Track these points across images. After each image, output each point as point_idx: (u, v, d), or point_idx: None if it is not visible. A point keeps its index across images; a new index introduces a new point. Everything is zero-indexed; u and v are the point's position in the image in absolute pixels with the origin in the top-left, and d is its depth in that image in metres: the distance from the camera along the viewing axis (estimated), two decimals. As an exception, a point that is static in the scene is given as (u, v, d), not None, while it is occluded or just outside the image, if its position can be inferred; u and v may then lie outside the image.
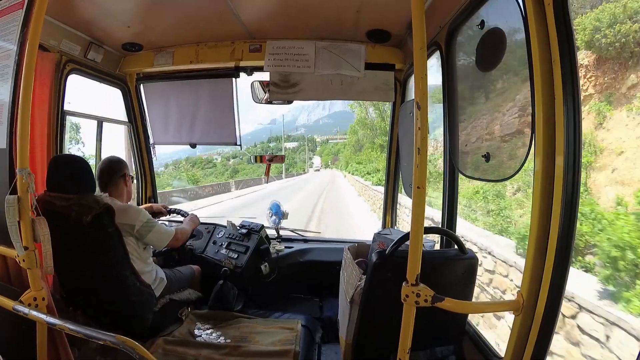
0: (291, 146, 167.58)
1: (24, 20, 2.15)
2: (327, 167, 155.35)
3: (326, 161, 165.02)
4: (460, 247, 2.35)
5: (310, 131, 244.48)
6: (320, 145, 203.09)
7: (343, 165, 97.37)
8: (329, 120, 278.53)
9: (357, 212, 24.61)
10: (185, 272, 3.48)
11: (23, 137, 1.91)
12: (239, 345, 2.91)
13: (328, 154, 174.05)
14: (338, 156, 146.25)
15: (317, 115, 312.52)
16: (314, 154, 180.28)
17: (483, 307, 3.68)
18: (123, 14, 3.25)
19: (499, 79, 2.23)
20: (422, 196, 1.59)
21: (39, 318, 1.87)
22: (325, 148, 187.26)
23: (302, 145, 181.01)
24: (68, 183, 2.54)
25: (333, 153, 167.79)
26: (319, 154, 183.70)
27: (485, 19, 2.25)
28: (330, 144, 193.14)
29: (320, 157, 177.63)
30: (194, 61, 3.97)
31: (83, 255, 2.63)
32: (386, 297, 1.85)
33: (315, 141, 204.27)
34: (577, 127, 1.63)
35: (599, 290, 6.31)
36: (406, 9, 1.56)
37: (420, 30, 1.58)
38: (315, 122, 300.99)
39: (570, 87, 1.62)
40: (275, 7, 3.20)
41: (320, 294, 4.10)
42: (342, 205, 28.62)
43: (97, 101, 7.16)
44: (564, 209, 1.66)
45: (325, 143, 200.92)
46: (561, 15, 1.63)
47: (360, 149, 73.37)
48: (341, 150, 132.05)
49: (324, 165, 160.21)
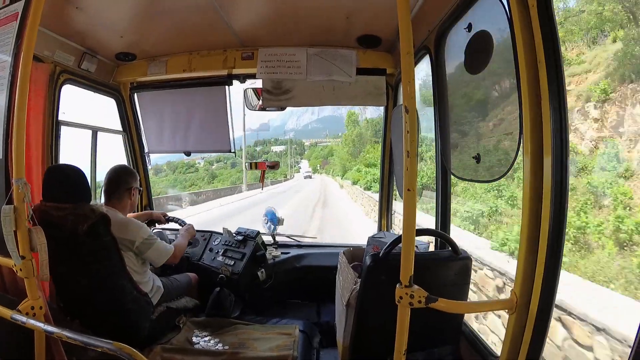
0: (278, 150, 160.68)
1: (18, 31, 2.17)
2: (316, 171, 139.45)
3: (315, 165, 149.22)
4: (453, 248, 2.37)
5: (299, 136, 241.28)
6: (308, 149, 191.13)
7: (337, 170, 78.65)
8: (317, 124, 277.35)
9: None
10: (182, 280, 3.48)
11: (19, 147, 1.93)
12: (237, 352, 2.91)
13: (317, 158, 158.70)
14: (328, 159, 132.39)
15: (306, 120, 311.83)
16: (302, 157, 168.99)
17: (477, 306, 3.70)
18: (116, 24, 3.28)
19: (487, 81, 2.26)
20: (412, 198, 1.61)
21: (37, 327, 1.88)
22: (314, 151, 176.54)
23: (289, 149, 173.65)
24: (64, 193, 2.54)
25: (322, 156, 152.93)
26: (307, 157, 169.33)
27: (472, 22, 2.28)
28: (319, 147, 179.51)
29: (309, 160, 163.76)
30: (187, 70, 4.00)
31: (79, 265, 2.62)
32: (381, 299, 1.86)
33: (304, 145, 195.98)
34: (563, 127, 1.66)
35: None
36: (396, 15, 1.58)
37: (407, 36, 1.61)
38: (305, 126, 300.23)
39: (556, 87, 1.66)
40: (267, 15, 3.23)
41: (317, 298, 4.10)
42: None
43: (91, 111, 7.07)
44: (554, 208, 1.69)
45: (314, 146, 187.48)
46: (545, 17, 1.66)
47: (364, 145, 56.63)
48: (333, 152, 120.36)
49: (313, 170, 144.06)
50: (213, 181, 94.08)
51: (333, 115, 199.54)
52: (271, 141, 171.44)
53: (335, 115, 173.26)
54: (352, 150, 64.29)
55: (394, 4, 1.58)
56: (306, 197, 45.05)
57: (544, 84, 1.68)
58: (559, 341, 5.64)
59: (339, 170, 73.73)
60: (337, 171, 79.87)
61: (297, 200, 40.37)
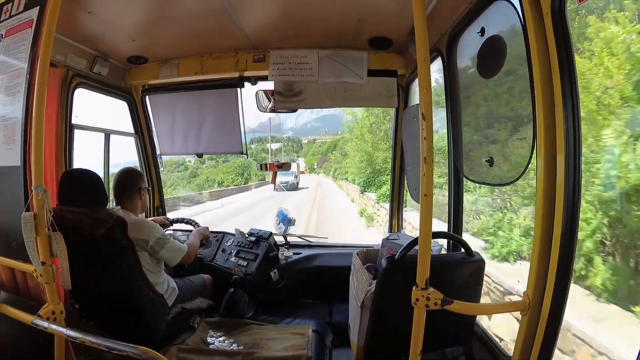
0: (274, 147, 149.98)
1: (34, 38, 2.20)
2: (313, 171, 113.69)
3: (311, 163, 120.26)
4: (467, 250, 2.39)
5: (297, 134, 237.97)
6: (305, 146, 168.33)
7: (342, 171, 54.69)
8: (317, 123, 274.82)
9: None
10: (196, 281, 3.51)
11: (37, 154, 1.95)
12: (252, 352, 2.94)
13: (314, 154, 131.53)
14: (327, 156, 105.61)
15: (305, 119, 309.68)
16: (298, 155, 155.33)
17: (491, 308, 3.70)
18: (128, 28, 3.32)
19: (500, 85, 2.27)
20: (429, 203, 1.63)
21: (59, 331, 1.90)
22: (312, 148, 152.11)
23: (285, 146, 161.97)
24: (80, 196, 2.56)
25: (320, 153, 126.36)
26: (304, 154, 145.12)
27: (485, 27, 2.29)
28: (318, 143, 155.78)
29: (305, 157, 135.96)
30: (199, 72, 4.02)
31: (96, 268, 2.65)
32: (396, 301, 1.89)
33: (301, 142, 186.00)
34: (576, 131, 1.68)
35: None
36: (407, 16, 1.61)
37: (423, 41, 1.63)
38: (303, 125, 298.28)
39: (570, 92, 1.67)
40: (278, 17, 3.25)
41: (329, 298, 4.12)
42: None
43: (104, 114, 7.10)
44: (566, 210, 1.70)
45: (312, 143, 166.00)
46: (559, 24, 1.67)
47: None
48: (334, 148, 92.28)
49: (309, 168, 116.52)
50: (192, 180, 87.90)
51: (332, 114, 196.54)
52: (268, 139, 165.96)
53: (334, 114, 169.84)
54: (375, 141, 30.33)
55: (404, 5, 1.60)
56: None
57: (557, 88, 1.69)
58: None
59: (344, 172, 49.62)
60: (340, 173, 57.16)
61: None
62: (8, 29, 2.38)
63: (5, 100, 2.31)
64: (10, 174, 2.23)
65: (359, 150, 31.68)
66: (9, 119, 2.28)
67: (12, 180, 2.22)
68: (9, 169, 2.24)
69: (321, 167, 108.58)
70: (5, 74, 2.33)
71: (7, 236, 2.25)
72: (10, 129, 2.26)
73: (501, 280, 6.88)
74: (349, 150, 40.89)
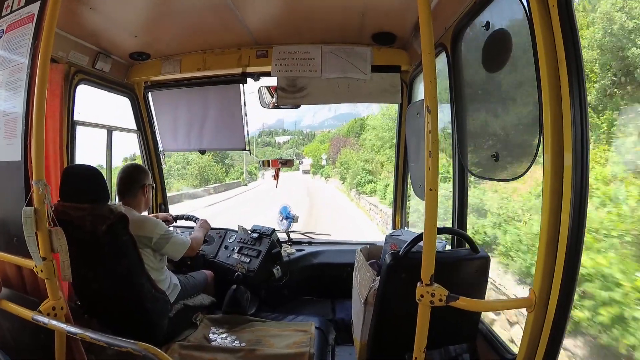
0: (282, 140, 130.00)
1: (35, 33, 2.19)
2: (320, 170, 64.69)
3: (319, 156, 69.89)
4: (472, 246, 2.37)
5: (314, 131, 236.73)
6: (317, 137, 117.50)
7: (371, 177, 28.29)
8: (334, 121, 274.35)
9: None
10: (198, 278, 3.50)
11: (38, 149, 1.95)
12: (254, 349, 2.92)
13: (323, 142, 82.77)
14: (348, 140, 51.32)
15: (323, 117, 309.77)
16: (304, 147, 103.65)
17: (496, 305, 3.69)
18: (130, 24, 3.31)
19: (506, 80, 2.25)
20: (434, 198, 1.61)
21: (59, 327, 1.90)
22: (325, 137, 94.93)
23: (293, 140, 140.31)
24: (82, 193, 2.55)
25: (330, 139, 72.14)
26: (307, 151, 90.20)
27: (490, 21, 2.27)
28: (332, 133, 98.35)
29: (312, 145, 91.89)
30: (201, 68, 4.02)
31: (98, 264, 2.65)
32: (401, 297, 1.87)
33: (314, 135, 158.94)
34: (584, 125, 1.66)
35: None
36: (410, 11, 1.59)
37: (428, 35, 1.61)
38: (321, 123, 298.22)
39: (577, 86, 1.65)
40: (281, 13, 3.24)
41: (332, 295, 4.11)
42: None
43: (106, 111, 7.06)
44: (574, 206, 1.68)
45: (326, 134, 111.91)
46: (566, 16, 1.65)
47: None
48: (361, 129, 49.73)
49: (314, 166, 71.46)
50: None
51: (350, 113, 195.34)
52: (279, 132, 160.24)
53: (352, 112, 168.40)
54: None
55: (409, 0, 1.57)
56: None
57: (564, 82, 1.67)
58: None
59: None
60: (363, 183, 28.42)
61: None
62: (9, 24, 2.37)
63: (6, 95, 2.31)
64: (11, 169, 2.22)
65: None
66: (10, 113, 2.28)
67: (13, 175, 2.21)
68: (9, 164, 2.23)
69: (331, 164, 57.78)
70: (6, 69, 2.32)
71: (8, 232, 2.25)
72: (11, 124, 2.25)
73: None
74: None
